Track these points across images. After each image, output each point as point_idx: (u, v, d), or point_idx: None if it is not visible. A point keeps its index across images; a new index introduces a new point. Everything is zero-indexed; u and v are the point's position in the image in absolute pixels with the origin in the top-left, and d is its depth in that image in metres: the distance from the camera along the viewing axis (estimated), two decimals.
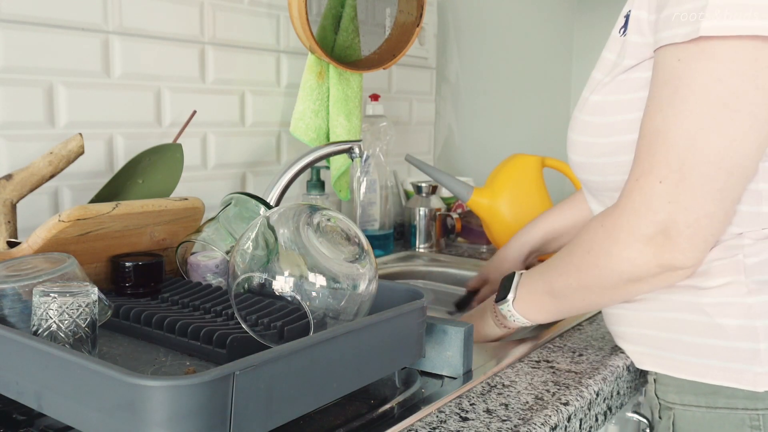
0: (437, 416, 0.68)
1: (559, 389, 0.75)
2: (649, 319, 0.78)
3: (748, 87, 0.63)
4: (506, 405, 0.70)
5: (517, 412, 0.69)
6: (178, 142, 1.04)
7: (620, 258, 0.70)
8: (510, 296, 0.86)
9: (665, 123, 0.66)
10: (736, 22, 0.62)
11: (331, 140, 1.31)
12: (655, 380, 0.82)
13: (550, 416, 0.69)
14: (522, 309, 0.86)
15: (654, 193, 0.67)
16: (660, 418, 0.83)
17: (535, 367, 0.81)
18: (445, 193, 1.64)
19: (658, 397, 0.82)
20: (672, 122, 0.66)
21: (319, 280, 0.65)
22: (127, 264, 0.81)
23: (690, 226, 0.66)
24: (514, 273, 0.88)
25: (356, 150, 1.10)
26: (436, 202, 1.53)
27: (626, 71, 0.75)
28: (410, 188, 1.59)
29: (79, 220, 0.75)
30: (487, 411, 0.69)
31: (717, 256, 0.73)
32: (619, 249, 0.70)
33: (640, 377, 0.89)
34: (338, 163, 1.31)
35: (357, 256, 0.68)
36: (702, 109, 0.64)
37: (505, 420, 0.67)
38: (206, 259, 0.88)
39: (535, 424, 0.66)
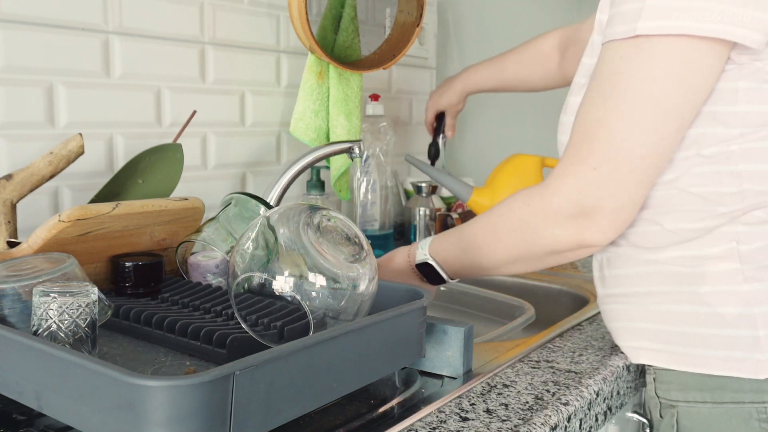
0: (437, 416, 0.68)
1: (559, 389, 0.75)
2: (647, 313, 0.79)
3: (678, 88, 0.68)
4: (506, 405, 0.70)
5: (517, 412, 0.69)
6: (178, 142, 1.04)
7: (545, 234, 0.76)
8: (446, 278, 0.89)
9: (606, 115, 0.71)
10: (670, 23, 0.66)
11: (331, 140, 1.31)
12: (654, 379, 0.82)
13: (550, 416, 0.69)
14: (458, 278, 0.90)
15: (587, 179, 0.72)
16: (661, 417, 0.83)
17: (535, 367, 0.81)
18: (445, 193, 1.64)
19: (658, 396, 0.82)
20: (612, 115, 0.71)
21: (319, 280, 0.65)
22: (127, 264, 0.81)
23: (614, 211, 0.72)
24: (427, 262, 0.89)
25: (356, 150, 1.10)
26: (436, 202, 1.53)
27: (592, 71, 0.77)
28: (410, 188, 1.60)
29: (79, 220, 0.75)
30: (487, 411, 0.69)
31: (711, 244, 0.74)
32: (545, 226, 0.76)
33: (640, 377, 0.89)
34: (338, 163, 1.31)
35: (357, 256, 0.68)
36: (638, 107, 0.69)
37: (505, 420, 0.67)
38: (206, 259, 0.88)
39: (535, 424, 0.66)
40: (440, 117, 1.50)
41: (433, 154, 1.53)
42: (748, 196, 0.73)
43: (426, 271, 0.90)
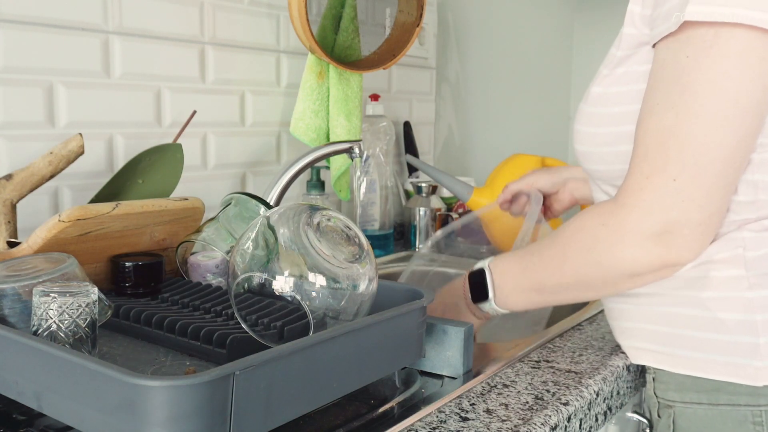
0: (437, 416, 0.68)
1: (559, 389, 0.75)
2: (650, 314, 0.78)
3: (756, 85, 0.64)
4: (506, 405, 0.70)
5: (517, 412, 0.69)
6: (178, 142, 1.04)
7: (624, 256, 0.70)
8: (490, 295, 0.85)
9: (678, 120, 0.66)
10: (740, 11, 0.62)
11: (331, 140, 1.31)
12: (654, 379, 0.82)
13: (550, 416, 0.69)
14: (505, 304, 0.85)
15: (668, 191, 0.67)
16: (659, 416, 0.83)
17: (535, 367, 0.81)
18: (445, 193, 1.64)
19: (657, 396, 0.82)
20: (684, 120, 0.66)
21: (319, 280, 0.65)
22: (127, 264, 0.81)
23: (702, 222, 0.67)
24: (482, 269, 0.86)
25: (356, 150, 1.10)
26: (436, 202, 1.53)
27: (621, 63, 0.76)
28: (410, 188, 1.60)
29: (79, 220, 0.75)
30: (487, 411, 0.69)
31: (718, 249, 0.74)
32: (624, 247, 0.70)
33: (640, 377, 0.89)
34: (338, 163, 1.31)
35: (357, 256, 0.68)
36: (715, 106, 0.64)
37: (505, 420, 0.67)
38: (206, 259, 0.88)
39: (535, 424, 0.66)
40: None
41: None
42: (762, 206, 0.72)
43: (474, 280, 0.86)
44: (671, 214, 0.67)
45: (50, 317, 0.61)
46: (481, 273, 0.86)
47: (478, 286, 0.86)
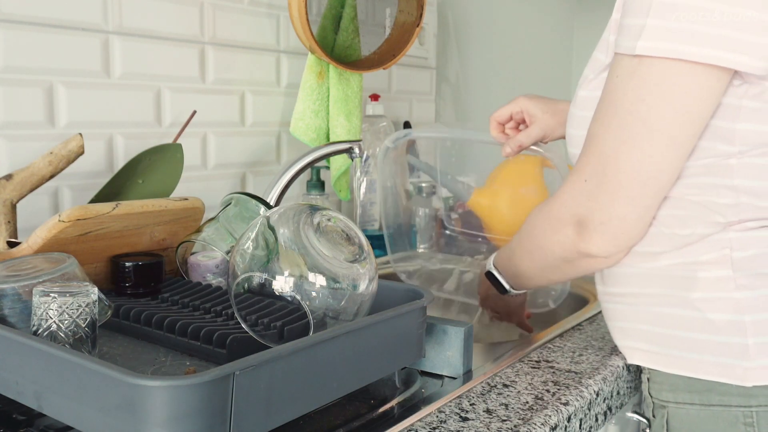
0: (437, 416, 0.68)
1: (559, 389, 0.75)
2: (644, 314, 0.79)
3: (667, 109, 0.68)
4: (506, 405, 0.70)
5: (517, 412, 0.69)
6: (178, 142, 1.04)
7: (552, 240, 0.79)
8: (507, 288, 0.95)
9: (597, 130, 0.73)
10: (669, 45, 0.66)
11: (331, 140, 1.31)
12: (648, 379, 0.83)
13: (550, 416, 0.69)
14: (520, 288, 0.95)
15: (579, 189, 0.75)
16: (654, 416, 0.83)
17: (535, 367, 0.81)
18: (445, 193, 1.64)
19: (651, 396, 0.82)
20: (602, 131, 0.73)
21: (319, 280, 0.65)
22: (127, 264, 0.81)
23: (603, 223, 0.74)
24: (490, 271, 0.96)
25: (356, 150, 1.10)
26: (436, 202, 1.53)
27: (606, 68, 0.77)
28: (410, 188, 1.59)
29: (79, 220, 0.75)
30: (487, 411, 0.69)
31: (705, 250, 0.74)
32: (551, 232, 0.79)
33: (639, 377, 0.89)
34: (338, 163, 1.31)
35: (357, 256, 0.68)
36: (625, 125, 0.70)
37: (505, 420, 0.67)
38: (206, 259, 0.88)
39: (535, 424, 0.66)
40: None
41: None
42: (745, 209, 0.73)
43: (492, 280, 0.95)
44: (580, 210, 0.75)
45: (50, 317, 0.61)
46: (490, 274, 0.95)
47: (495, 284, 0.95)
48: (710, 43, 0.65)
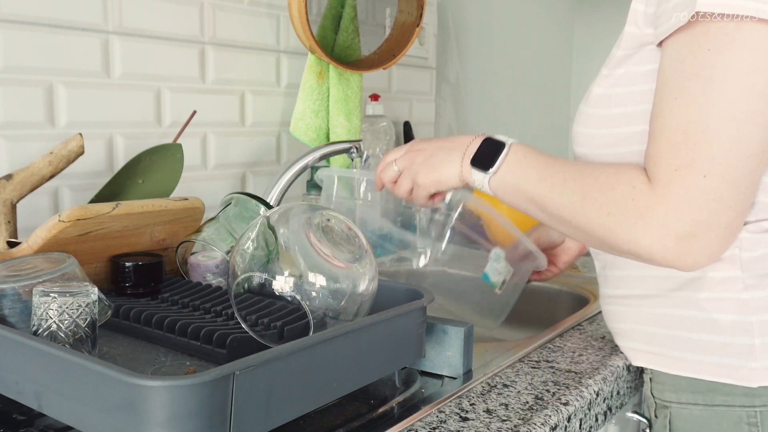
0: (437, 416, 0.68)
1: (559, 389, 0.75)
2: (647, 316, 0.79)
3: None
4: (506, 405, 0.70)
5: (517, 412, 0.69)
6: (178, 142, 1.04)
7: (640, 241, 0.66)
8: (492, 170, 0.77)
9: (702, 114, 0.63)
10: (751, 3, 0.61)
11: (331, 140, 1.31)
12: (651, 379, 0.83)
13: (550, 416, 0.69)
14: (498, 188, 0.78)
15: (698, 189, 0.63)
16: (656, 417, 0.83)
17: (535, 367, 0.81)
18: None
19: (654, 396, 0.82)
20: (711, 113, 0.63)
21: (319, 280, 0.65)
22: (127, 264, 0.81)
23: (729, 225, 0.64)
24: (503, 142, 0.78)
25: (356, 150, 1.10)
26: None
27: (621, 63, 0.75)
28: None
29: (79, 220, 0.75)
30: (487, 411, 0.69)
31: None
32: (644, 234, 0.65)
33: (639, 377, 0.89)
34: (338, 163, 1.31)
35: (357, 256, 0.68)
36: (741, 101, 0.62)
37: (505, 420, 0.67)
38: (206, 259, 0.88)
39: (535, 424, 0.66)
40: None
41: None
42: (762, 209, 0.72)
43: (487, 148, 0.77)
44: (701, 215, 0.63)
45: (50, 317, 0.61)
46: (499, 145, 0.77)
47: (486, 154, 0.77)
48: None
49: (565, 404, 0.71)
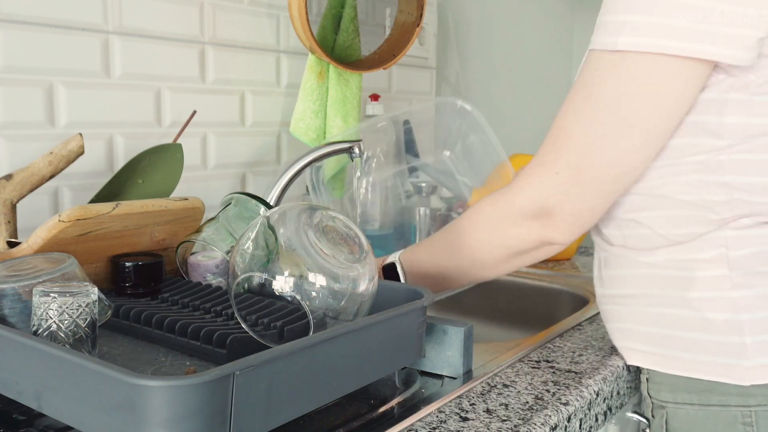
0: (437, 416, 0.68)
1: (559, 389, 0.75)
2: (642, 315, 0.79)
3: (647, 104, 0.70)
4: (506, 405, 0.70)
5: (517, 412, 0.69)
6: (178, 142, 1.04)
7: (510, 234, 0.79)
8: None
9: (573, 123, 0.74)
10: (650, 41, 0.67)
11: (327, 141, 1.31)
12: (647, 379, 0.83)
13: (550, 416, 0.69)
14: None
15: (549, 182, 0.75)
16: (653, 416, 0.83)
17: (535, 367, 0.81)
18: (445, 193, 1.64)
19: (650, 396, 0.82)
20: (578, 124, 0.73)
21: (319, 280, 0.65)
22: (127, 264, 0.81)
23: (573, 214, 0.75)
24: (393, 263, 0.91)
25: (356, 150, 1.10)
26: (436, 202, 1.53)
27: None
28: (410, 188, 1.59)
29: (79, 220, 0.75)
30: (487, 411, 0.69)
31: (701, 249, 0.74)
32: (509, 226, 0.79)
33: (638, 377, 0.89)
34: (332, 163, 1.31)
35: (357, 256, 0.68)
36: (604, 119, 0.71)
37: (505, 420, 0.67)
38: (206, 259, 0.88)
39: (535, 424, 0.66)
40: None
41: None
42: (737, 205, 0.73)
43: (387, 275, 0.91)
44: (549, 202, 0.75)
45: (50, 317, 0.61)
46: (392, 267, 0.92)
47: (392, 275, 0.91)
48: (691, 37, 0.66)
49: (565, 404, 0.71)
